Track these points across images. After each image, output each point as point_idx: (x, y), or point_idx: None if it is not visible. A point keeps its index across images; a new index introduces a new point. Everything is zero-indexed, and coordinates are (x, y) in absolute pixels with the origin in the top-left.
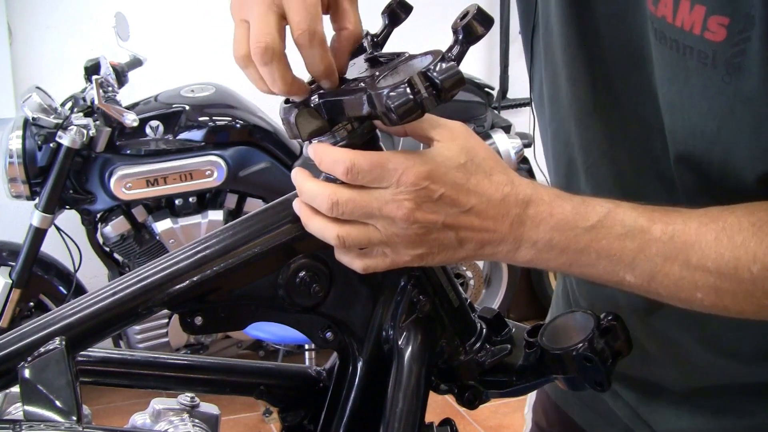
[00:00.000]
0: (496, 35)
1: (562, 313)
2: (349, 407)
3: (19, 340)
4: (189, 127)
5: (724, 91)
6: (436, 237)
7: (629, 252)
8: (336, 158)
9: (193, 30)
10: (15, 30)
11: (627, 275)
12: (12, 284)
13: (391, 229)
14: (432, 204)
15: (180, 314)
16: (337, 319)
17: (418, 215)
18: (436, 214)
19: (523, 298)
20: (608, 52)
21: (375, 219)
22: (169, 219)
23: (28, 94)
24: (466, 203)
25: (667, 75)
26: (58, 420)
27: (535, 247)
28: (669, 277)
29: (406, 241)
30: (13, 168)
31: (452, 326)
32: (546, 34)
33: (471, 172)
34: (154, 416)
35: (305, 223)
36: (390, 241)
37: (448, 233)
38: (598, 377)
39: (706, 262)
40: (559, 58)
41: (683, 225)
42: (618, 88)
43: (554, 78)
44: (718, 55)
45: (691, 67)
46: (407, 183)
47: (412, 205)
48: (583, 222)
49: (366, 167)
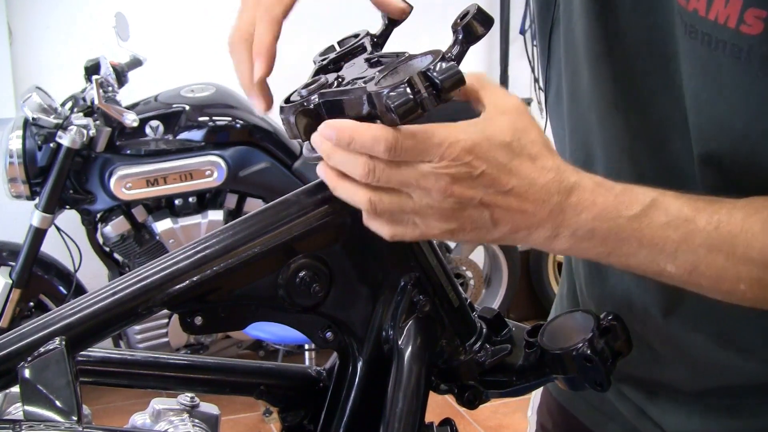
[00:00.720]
0: (496, 35)
1: (562, 313)
2: (349, 407)
3: (19, 340)
4: (189, 127)
5: (756, 86)
6: (470, 214)
7: (672, 242)
8: (376, 135)
9: (193, 30)
10: (15, 30)
11: (668, 265)
12: (12, 284)
13: (426, 200)
14: (471, 180)
15: (180, 314)
16: (337, 319)
17: (455, 189)
18: (474, 190)
19: (523, 298)
20: (632, 48)
21: (411, 188)
22: (169, 219)
23: (28, 94)
24: (507, 183)
25: (696, 71)
26: (58, 420)
27: (575, 236)
28: (712, 268)
29: (439, 214)
30: (13, 168)
31: (452, 326)
32: (567, 29)
33: (515, 152)
34: (154, 416)
35: (333, 186)
36: (422, 212)
37: (483, 212)
38: (599, 377)
39: (752, 252)
40: (581, 54)
41: (728, 215)
42: (640, 85)
43: (575, 75)
44: (753, 49)
45: (722, 62)
46: (450, 157)
47: (450, 180)
48: (626, 211)
49: (410, 145)
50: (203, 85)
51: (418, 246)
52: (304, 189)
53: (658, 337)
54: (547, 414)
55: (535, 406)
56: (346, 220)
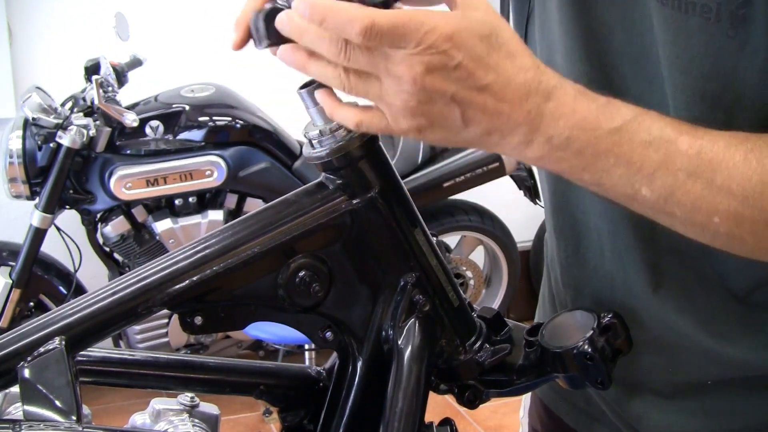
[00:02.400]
0: None
1: (563, 312)
2: (349, 407)
3: (19, 340)
4: (189, 127)
5: (727, 46)
6: (440, 110)
7: (651, 162)
8: (350, 16)
9: (193, 30)
10: (15, 30)
11: (644, 188)
12: (12, 284)
13: (395, 88)
14: (446, 71)
15: (180, 314)
16: (336, 319)
17: (427, 80)
18: (447, 82)
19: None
20: (604, 25)
21: (382, 74)
22: (169, 219)
23: (28, 94)
24: (482, 78)
25: (669, 38)
26: (58, 420)
27: (550, 144)
28: (689, 195)
29: (406, 106)
30: (13, 168)
31: (452, 326)
32: (542, 16)
33: (494, 47)
34: (154, 416)
35: (302, 65)
36: (391, 101)
37: (454, 109)
38: (599, 375)
39: (731, 183)
40: (556, 38)
41: (711, 143)
42: (614, 62)
43: (550, 56)
44: (722, 8)
45: (693, 25)
46: (427, 43)
47: (424, 69)
48: (607, 123)
49: (386, 27)
50: (203, 85)
51: (418, 246)
52: (304, 189)
53: (638, 320)
54: (536, 416)
55: (526, 407)
56: (346, 220)
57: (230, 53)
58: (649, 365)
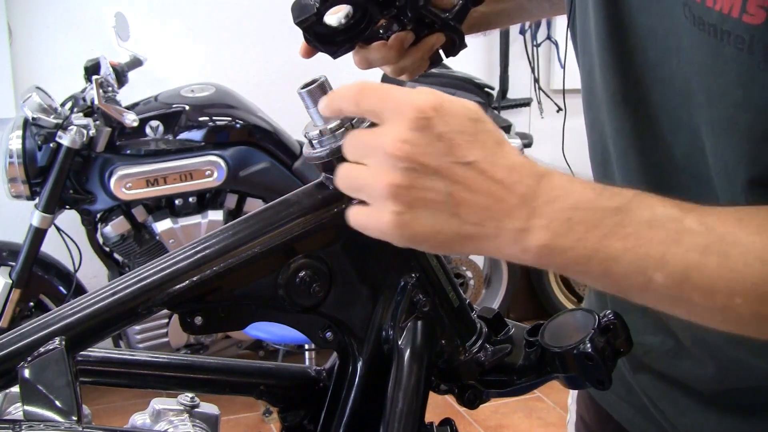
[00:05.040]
0: (496, 35)
1: (562, 312)
2: (349, 407)
3: (19, 340)
4: (189, 127)
5: (758, 78)
6: (423, 185)
7: (659, 243)
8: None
9: (193, 30)
10: (15, 30)
11: (656, 273)
12: (12, 284)
13: (378, 166)
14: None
15: (180, 314)
16: (337, 319)
17: (407, 147)
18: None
19: (523, 298)
20: (640, 41)
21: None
22: (169, 219)
23: (28, 94)
24: (467, 154)
25: (706, 64)
26: (58, 420)
27: (549, 229)
28: (704, 275)
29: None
30: (13, 168)
31: (452, 326)
32: (583, 22)
33: (480, 130)
34: (154, 416)
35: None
36: (373, 185)
37: (437, 184)
38: (600, 375)
39: (748, 257)
40: (594, 47)
41: (719, 218)
42: (647, 79)
43: (590, 67)
44: (755, 40)
45: (727, 55)
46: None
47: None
48: (606, 202)
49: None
50: (203, 85)
51: None
52: (304, 189)
53: (681, 330)
54: (584, 406)
55: (574, 394)
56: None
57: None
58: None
